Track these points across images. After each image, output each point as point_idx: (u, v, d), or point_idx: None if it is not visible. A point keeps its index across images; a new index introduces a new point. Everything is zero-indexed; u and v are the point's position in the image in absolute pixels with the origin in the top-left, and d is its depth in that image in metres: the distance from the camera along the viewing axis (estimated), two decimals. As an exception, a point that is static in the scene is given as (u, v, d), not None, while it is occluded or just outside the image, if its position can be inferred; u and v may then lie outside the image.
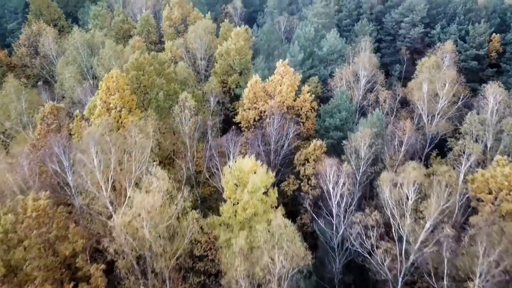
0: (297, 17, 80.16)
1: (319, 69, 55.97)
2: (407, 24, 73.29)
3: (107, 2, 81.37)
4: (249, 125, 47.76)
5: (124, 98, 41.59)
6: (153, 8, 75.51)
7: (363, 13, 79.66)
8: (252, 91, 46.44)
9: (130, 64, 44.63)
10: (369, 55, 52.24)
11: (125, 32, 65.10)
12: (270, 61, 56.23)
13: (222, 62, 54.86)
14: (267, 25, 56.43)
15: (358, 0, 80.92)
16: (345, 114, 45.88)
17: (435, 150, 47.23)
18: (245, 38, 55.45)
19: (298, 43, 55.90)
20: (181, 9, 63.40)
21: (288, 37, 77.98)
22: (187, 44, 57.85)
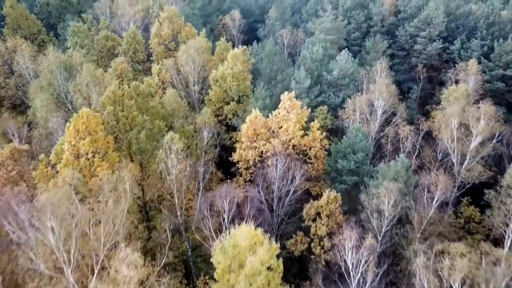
0: (302, 30, 73.07)
1: (328, 95, 48.84)
2: (424, 39, 66.21)
3: (93, 14, 74.24)
4: (248, 166, 40.72)
5: (97, 141, 34.51)
6: (142, 22, 68.32)
7: (373, 26, 72.64)
8: (252, 127, 39.35)
9: (106, 98, 37.51)
10: (386, 82, 45.12)
11: (109, 50, 57.93)
12: (272, 87, 49.13)
13: (217, 88, 47.76)
14: (269, 46, 49.30)
15: (368, 11, 73.93)
16: (361, 156, 38.79)
17: (467, 197, 40.33)
18: (243, 60, 48.32)
19: (304, 66, 48.77)
20: (172, 24, 56.24)
21: (292, 52, 71.01)
22: (178, 66, 50.71)
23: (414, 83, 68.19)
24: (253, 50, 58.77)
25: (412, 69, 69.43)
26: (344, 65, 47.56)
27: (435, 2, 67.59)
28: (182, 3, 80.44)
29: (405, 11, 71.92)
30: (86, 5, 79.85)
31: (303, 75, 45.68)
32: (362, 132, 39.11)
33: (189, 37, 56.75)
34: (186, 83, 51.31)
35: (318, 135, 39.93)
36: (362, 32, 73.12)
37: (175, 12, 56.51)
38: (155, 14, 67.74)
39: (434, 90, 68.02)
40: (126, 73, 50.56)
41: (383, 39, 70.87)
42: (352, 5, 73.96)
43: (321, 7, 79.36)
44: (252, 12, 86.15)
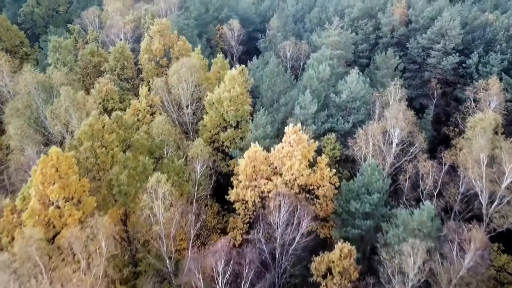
0: (306, 41, 67.87)
1: (337, 120, 43.63)
2: (438, 52, 61.03)
3: (81, 24, 69.10)
4: (246, 207, 35.57)
5: (69, 187, 29.41)
6: (133, 33, 63.15)
7: (382, 37, 67.47)
8: (251, 164, 34.18)
9: (82, 133, 32.35)
10: (403, 108, 39.94)
11: (96, 66, 52.76)
12: (274, 111, 44.00)
13: (212, 113, 42.61)
14: (271, 65, 44.05)
15: (376, 21, 68.76)
16: (376, 197, 33.61)
17: (499, 243, 35.14)
18: (242, 82, 43.16)
19: (310, 88, 43.63)
20: (164, 38, 51.05)
21: (295, 65, 65.86)
22: (169, 86, 45.56)
23: (427, 99, 63.09)
24: (253, 67, 53.58)
25: (424, 84, 64.29)
26: (354, 86, 42.37)
27: (450, 12, 62.45)
28: (177, 11, 75.40)
29: (416, 22, 66.72)
30: (75, 14, 74.77)
31: (309, 99, 40.49)
32: (378, 170, 33.92)
33: (183, 52, 51.61)
34: (179, 104, 46.14)
35: (327, 172, 34.74)
36: (370, 43, 67.96)
37: (166, 26, 51.34)
38: (147, 25, 62.59)
39: (448, 107, 63.00)
40: (111, 95, 45.43)
41: (394, 53, 65.75)
42: (359, 14, 68.82)
43: (326, 16, 74.35)
44: (252, 20, 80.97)
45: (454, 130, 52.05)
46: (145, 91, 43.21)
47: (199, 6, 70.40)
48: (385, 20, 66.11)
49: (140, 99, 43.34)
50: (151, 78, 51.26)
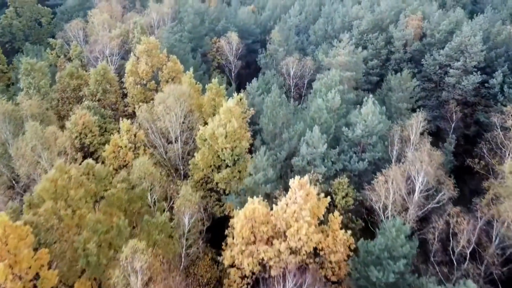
0: (310, 57, 61.88)
1: (350, 158, 37.57)
2: (457, 70, 54.96)
3: (65, 37, 63.05)
4: (243, 275, 29.55)
5: (20, 263, 23.47)
6: (120, 48, 57.13)
7: (394, 52, 61.40)
8: (248, 225, 28.15)
9: (43, 190, 26.35)
10: (427, 148, 33.88)
11: (75, 90, 46.74)
12: (276, 147, 37.98)
13: (205, 150, 36.60)
14: (272, 96, 37.93)
15: (387, 34, 62.71)
16: (403, 264, 27.58)
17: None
18: (239, 114, 37.15)
19: (319, 120, 37.63)
20: (151, 59, 45.03)
21: (298, 84, 59.86)
22: (155, 117, 39.54)
23: (444, 121, 57.07)
24: (252, 90, 47.55)
25: (441, 105, 58.24)
26: (370, 119, 36.32)
27: (470, 26, 56.42)
28: (170, 23, 69.40)
29: (432, 35, 60.62)
30: (59, 26, 68.76)
31: (317, 136, 34.44)
32: (404, 231, 27.87)
33: (173, 75, 45.61)
34: (167, 138, 40.11)
35: (341, 235, 28.71)
36: (382, 59, 61.90)
37: (155, 45, 45.31)
38: (135, 40, 56.58)
39: (468, 130, 57.07)
40: (90, 127, 39.41)
41: (408, 70, 59.72)
42: (368, 27, 62.75)
43: (332, 27, 68.34)
44: (252, 31, 74.97)
45: (480, 163, 46.12)
46: (126, 125, 37.17)
47: (194, 18, 64.34)
48: (398, 34, 60.03)
49: (121, 134, 37.28)
50: (137, 104, 45.27)
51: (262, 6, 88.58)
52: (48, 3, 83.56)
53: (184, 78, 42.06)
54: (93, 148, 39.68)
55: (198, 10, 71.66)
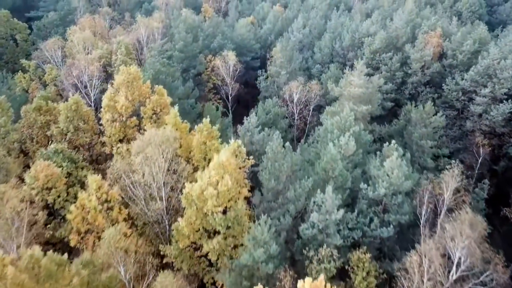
0: (316, 80, 55.05)
1: (369, 221, 30.73)
2: (484, 98, 48.20)
3: (42, 58, 56.09)
4: None
5: None
6: (101, 72, 50.27)
7: (411, 74, 54.53)
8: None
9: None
10: (470, 218, 27.01)
11: (43, 128, 39.86)
12: (278, 208, 31.10)
13: (192, 213, 29.76)
14: (274, 145, 31.00)
15: (403, 54, 55.85)
16: None
17: None
18: (235, 166, 30.31)
19: (332, 172, 30.82)
20: (132, 92, 38.17)
21: (304, 113, 52.99)
22: (134, 167, 32.65)
23: (468, 154, 50.28)
24: (251, 126, 40.70)
25: (464, 135, 51.50)
26: (395, 176, 29.49)
27: (499, 47, 49.66)
28: (161, 40, 62.56)
29: (454, 56, 53.80)
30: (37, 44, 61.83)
31: (330, 199, 27.57)
32: None
33: (158, 110, 38.79)
34: (149, 192, 33.20)
35: None
36: (397, 82, 55.07)
37: (136, 75, 38.42)
38: (118, 62, 49.76)
39: (497, 164, 50.32)
40: (54, 181, 32.53)
41: (427, 95, 52.96)
42: (381, 45, 55.93)
43: (340, 45, 61.42)
44: (250, 47, 68.13)
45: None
46: (96, 181, 30.27)
47: (186, 36, 57.46)
48: (416, 55, 53.14)
49: (90, 193, 30.41)
50: (115, 144, 38.44)
51: (262, 17, 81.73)
52: (29, 15, 76.82)
53: (169, 118, 35.14)
54: (59, 205, 32.84)
55: (191, 25, 64.76)
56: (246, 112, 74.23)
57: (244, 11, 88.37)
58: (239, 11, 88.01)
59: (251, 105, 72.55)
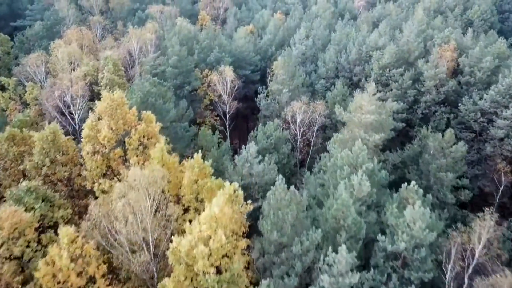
0: (321, 98, 50.72)
1: (387, 278, 26.35)
2: (506, 120, 43.88)
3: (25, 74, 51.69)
4: None
5: None
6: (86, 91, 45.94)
7: (424, 93, 50.12)
8: None
9: None
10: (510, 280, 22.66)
11: (16, 160, 35.47)
12: (282, 265, 26.69)
13: (180, 272, 25.40)
14: (277, 193, 26.65)
15: (416, 70, 51.50)
16: None
17: None
18: (230, 216, 25.91)
19: (344, 221, 26.47)
20: (116, 120, 33.75)
21: (307, 135, 48.63)
22: (116, 213, 28.26)
23: (487, 181, 46.10)
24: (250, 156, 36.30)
25: (484, 161, 47.21)
26: (418, 227, 25.16)
27: (522, 64, 45.43)
28: (154, 53, 58.32)
29: (471, 73, 49.46)
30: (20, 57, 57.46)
31: (343, 261, 23.22)
32: None
33: (145, 140, 34.44)
34: (134, 242, 28.79)
35: None
36: (409, 101, 50.71)
37: (120, 101, 34.03)
38: (105, 81, 45.44)
39: (517, 193, 46.09)
40: (21, 229, 28.15)
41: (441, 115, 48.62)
42: (391, 60, 51.59)
43: (346, 58, 57.02)
44: (250, 60, 63.77)
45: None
46: (68, 235, 25.87)
47: (180, 49, 53.13)
48: (430, 72, 48.78)
49: (62, 246, 26.02)
50: (96, 180, 34.12)
51: (262, 25, 77.44)
52: (15, 24, 72.49)
53: (154, 153, 30.77)
54: (28, 256, 28.48)
55: (186, 36, 60.53)
56: (245, 126, 70.44)
57: (243, 19, 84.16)
58: (238, 19, 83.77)
59: (250, 120, 68.54)
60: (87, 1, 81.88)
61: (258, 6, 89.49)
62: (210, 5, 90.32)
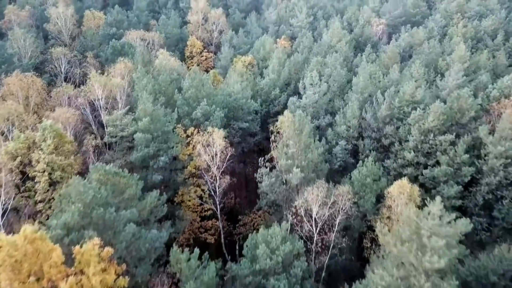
0: (347, 183, 37.30)
1: None
2: None
3: None
4: None
5: None
6: (16, 175, 32.49)
7: (487, 173, 36.52)
8: None
9: None
10: None
11: None
12: None
13: None
14: None
15: (472, 136, 38.03)
16: None
17: None
18: None
19: None
20: (25, 273, 20.37)
21: (324, 228, 35.10)
22: None
23: None
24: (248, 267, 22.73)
25: None
26: None
27: None
28: (123, 109, 44.94)
29: None
30: None
31: None
32: None
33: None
34: None
35: None
36: (463, 180, 37.19)
37: (33, 238, 20.53)
38: (41, 165, 31.94)
39: None
40: None
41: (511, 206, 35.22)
42: (437, 123, 38.11)
43: (371, 114, 43.47)
44: (248, 108, 50.08)
45: None
46: None
47: (155, 108, 39.74)
48: (496, 149, 35.28)
49: None
50: None
51: (263, 56, 63.93)
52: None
53: None
54: None
55: (165, 82, 47.11)
56: (243, 194, 56.46)
57: (240, 46, 70.68)
58: (234, 45, 70.29)
59: (250, 186, 54.76)
60: (54, 26, 68.41)
61: (258, 29, 76.00)
62: (201, 27, 76.83)
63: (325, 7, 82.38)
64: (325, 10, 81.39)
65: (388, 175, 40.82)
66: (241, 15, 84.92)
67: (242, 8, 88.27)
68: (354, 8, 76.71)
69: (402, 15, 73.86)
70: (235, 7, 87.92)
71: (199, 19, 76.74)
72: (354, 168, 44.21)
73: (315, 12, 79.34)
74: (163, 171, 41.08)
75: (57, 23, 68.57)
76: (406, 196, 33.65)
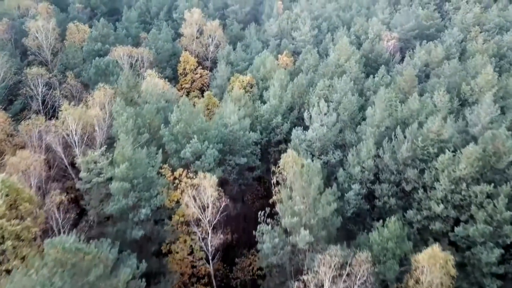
0: (366, 252, 31.15)
1: None
2: None
3: None
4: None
5: None
6: None
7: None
8: None
9: None
10: None
11: None
12: None
13: None
14: None
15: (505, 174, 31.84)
16: None
17: None
18: None
19: None
20: None
21: None
22: None
23: None
24: None
25: None
26: None
27: None
28: (104, 140, 38.63)
29: None
30: None
31: None
32: None
33: None
34: None
35: None
36: (504, 241, 30.97)
37: None
38: None
39: None
40: None
41: None
42: (471, 170, 31.81)
43: (391, 154, 37.20)
44: (245, 142, 43.86)
45: None
46: None
47: (135, 151, 33.50)
48: None
49: None
50: None
51: (263, 75, 57.52)
52: None
53: None
54: None
55: (150, 114, 40.91)
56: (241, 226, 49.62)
57: (238, 62, 64.35)
58: (232, 62, 64.02)
59: (248, 216, 48.75)
60: (33, 41, 62.12)
61: (258, 42, 69.64)
62: (196, 41, 70.53)
63: (330, 18, 76.07)
64: (331, 21, 75.07)
65: (411, 227, 34.73)
66: (239, 26, 78.65)
67: (240, 19, 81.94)
68: (362, 19, 70.48)
69: (414, 28, 67.68)
70: (233, 18, 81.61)
71: (193, 32, 70.43)
72: (369, 214, 38.09)
73: (319, 24, 73.13)
74: (146, 223, 34.86)
75: (36, 37, 62.29)
76: (438, 269, 27.42)
